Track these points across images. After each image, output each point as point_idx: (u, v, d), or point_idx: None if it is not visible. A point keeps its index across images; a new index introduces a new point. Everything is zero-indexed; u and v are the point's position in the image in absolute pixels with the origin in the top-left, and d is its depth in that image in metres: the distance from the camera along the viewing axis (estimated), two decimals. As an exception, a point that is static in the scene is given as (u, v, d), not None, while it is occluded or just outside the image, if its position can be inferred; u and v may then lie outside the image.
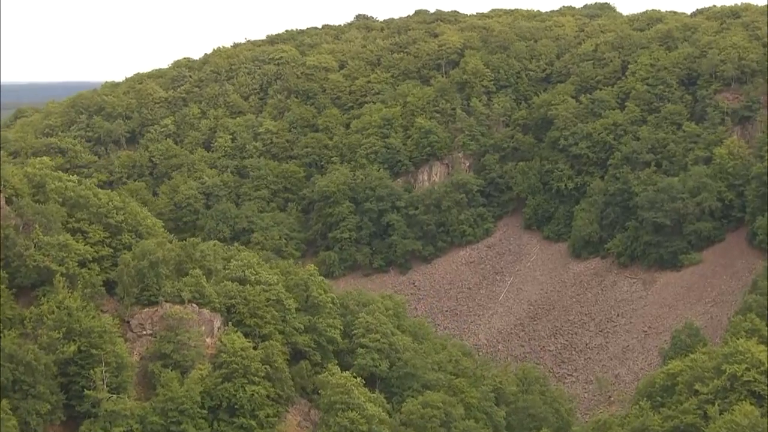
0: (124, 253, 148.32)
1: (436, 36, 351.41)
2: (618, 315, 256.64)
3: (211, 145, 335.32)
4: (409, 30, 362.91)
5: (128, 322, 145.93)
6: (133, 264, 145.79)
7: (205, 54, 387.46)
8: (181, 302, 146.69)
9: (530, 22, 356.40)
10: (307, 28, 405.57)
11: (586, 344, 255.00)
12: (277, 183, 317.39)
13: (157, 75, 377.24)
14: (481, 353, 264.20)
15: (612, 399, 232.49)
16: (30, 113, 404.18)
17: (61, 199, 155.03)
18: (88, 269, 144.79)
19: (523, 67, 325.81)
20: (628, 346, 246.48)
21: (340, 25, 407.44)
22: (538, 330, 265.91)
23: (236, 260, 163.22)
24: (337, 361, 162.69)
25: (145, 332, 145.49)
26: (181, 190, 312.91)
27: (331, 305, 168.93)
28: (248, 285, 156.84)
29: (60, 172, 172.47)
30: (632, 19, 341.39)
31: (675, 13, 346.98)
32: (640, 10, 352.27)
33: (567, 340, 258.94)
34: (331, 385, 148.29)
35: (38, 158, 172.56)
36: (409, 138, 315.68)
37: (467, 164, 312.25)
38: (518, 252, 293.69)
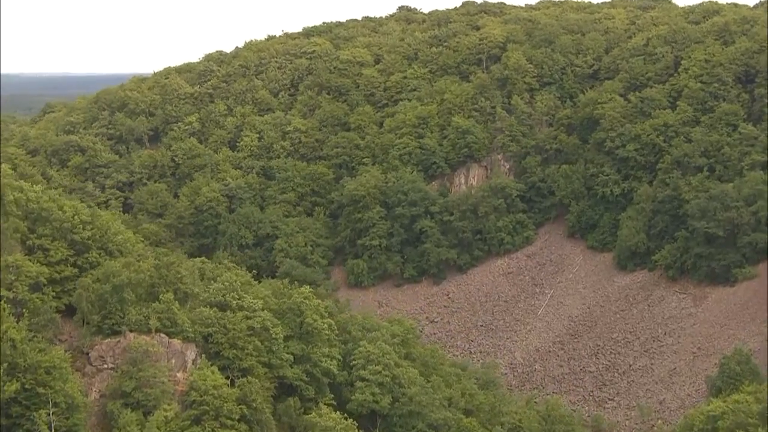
0: (84, 276, 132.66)
1: (477, 29, 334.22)
2: (665, 334, 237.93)
3: (237, 144, 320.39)
4: (450, 22, 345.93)
5: (87, 354, 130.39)
6: (94, 288, 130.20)
7: (236, 47, 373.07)
8: (148, 332, 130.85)
9: (579, 14, 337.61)
10: (347, 21, 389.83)
11: (630, 366, 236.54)
12: (304, 185, 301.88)
13: (185, 69, 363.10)
14: (516, 373, 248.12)
15: (655, 429, 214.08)
16: (59, 108, 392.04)
17: (21, 212, 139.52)
18: (42, 294, 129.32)
19: (569, 63, 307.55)
20: (675, 369, 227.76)
21: (381, 17, 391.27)
22: (578, 349, 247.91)
23: (218, 282, 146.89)
24: (333, 396, 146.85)
25: (105, 366, 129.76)
26: (203, 192, 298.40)
27: (328, 332, 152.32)
28: (229, 311, 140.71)
29: (23, 180, 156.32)
30: (688, 11, 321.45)
31: (735, 5, 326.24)
32: (698, 1, 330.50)
33: (609, 361, 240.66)
34: (319, 428, 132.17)
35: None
36: (446, 138, 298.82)
37: (507, 167, 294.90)
38: (560, 262, 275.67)
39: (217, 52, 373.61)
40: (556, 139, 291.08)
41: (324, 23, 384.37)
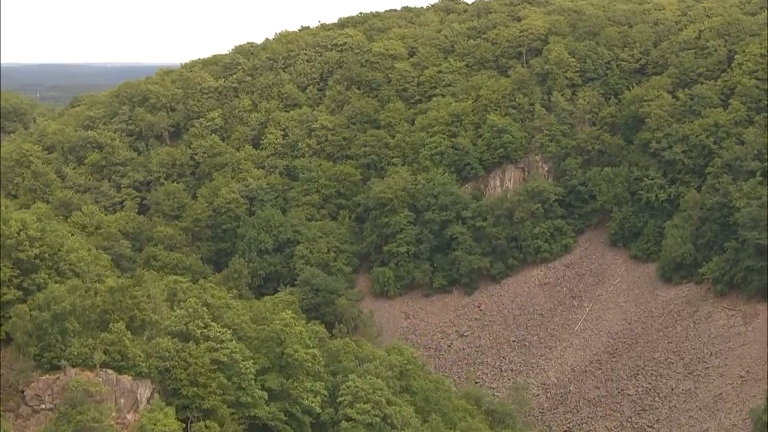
0: (18, 305, 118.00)
1: (519, 20, 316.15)
2: (711, 354, 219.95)
3: (260, 142, 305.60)
4: (491, 12, 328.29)
5: (23, 392, 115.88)
6: (32, 316, 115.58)
7: (266, 39, 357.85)
8: (93, 367, 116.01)
9: (627, 4, 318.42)
10: (385, 11, 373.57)
11: (672, 389, 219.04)
12: (329, 187, 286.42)
13: (211, 62, 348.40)
14: (549, 395, 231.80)
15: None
16: (85, 102, 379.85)
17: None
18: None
19: (614, 57, 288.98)
20: (721, 394, 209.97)
21: (420, 7, 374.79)
22: (617, 369, 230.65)
23: (181, 308, 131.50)
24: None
25: (42, 406, 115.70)
26: (222, 193, 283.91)
27: (311, 363, 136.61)
28: (192, 342, 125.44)
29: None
30: (744, 2, 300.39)
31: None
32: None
33: (650, 383, 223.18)
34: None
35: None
36: (480, 137, 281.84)
37: (545, 169, 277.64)
38: (600, 273, 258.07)
39: (247, 43, 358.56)
40: (599, 139, 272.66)
41: (360, 14, 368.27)
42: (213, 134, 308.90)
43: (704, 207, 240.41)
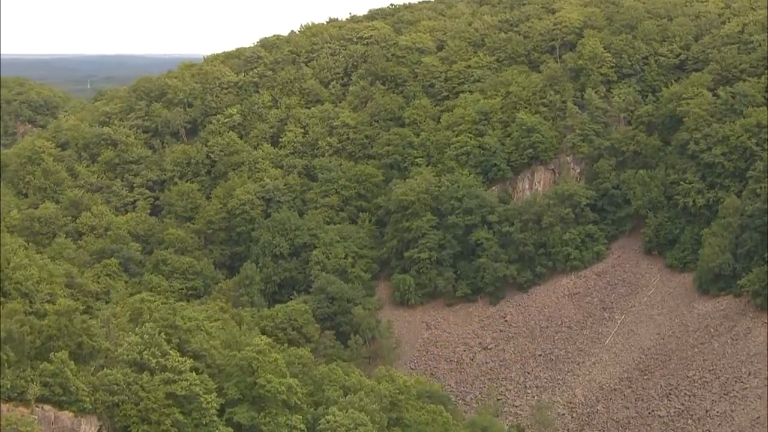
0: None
1: (553, 12, 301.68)
2: (749, 374, 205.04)
3: (279, 140, 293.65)
4: (524, 4, 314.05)
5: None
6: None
7: (291, 31, 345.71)
8: (28, 402, 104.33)
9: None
10: (417, 2, 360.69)
11: (707, 411, 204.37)
12: (349, 188, 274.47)
13: (234, 55, 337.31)
14: (575, 414, 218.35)
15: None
16: (108, 96, 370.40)
17: None
18: None
19: (653, 51, 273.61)
20: (759, 418, 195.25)
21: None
22: (648, 388, 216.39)
23: (135, 334, 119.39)
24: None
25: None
26: (237, 193, 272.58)
27: (286, 396, 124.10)
28: (146, 373, 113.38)
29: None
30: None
31: None
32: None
33: (683, 404, 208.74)
34: None
35: None
36: (509, 137, 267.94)
37: (577, 170, 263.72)
38: (634, 283, 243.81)
39: (273, 36, 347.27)
40: (634, 139, 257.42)
41: (391, 5, 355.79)
42: (230, 131, 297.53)
43: (745, 213, 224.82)
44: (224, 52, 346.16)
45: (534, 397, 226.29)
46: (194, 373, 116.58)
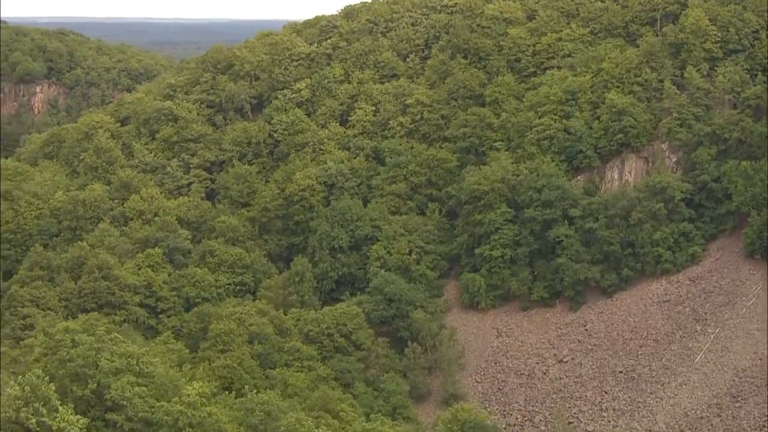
0: None
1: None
2: None
3: (348, 118, 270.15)
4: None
5: None
6: None
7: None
8: None
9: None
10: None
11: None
12: (419, 174, 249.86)
13: (312, 23, 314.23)
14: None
15: None
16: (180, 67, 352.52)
17: None
18: None
19: (764, 25, 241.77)
20: None
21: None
22: (739, 417, 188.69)
23: (19, 384, 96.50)
24: None
25: None
26: (296, 178, 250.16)
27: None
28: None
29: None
30: None
31: None
32: None
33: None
34: None
35: None
36: (598, 119, 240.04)
37: (673, 160, 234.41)
38: (732, 291, 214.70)
39: (360, 3, 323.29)
40: (739, 125, 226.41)
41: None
42: (297, 108, 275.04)
43: None
44: (304, 20, 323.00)
45: (610, 421, 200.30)
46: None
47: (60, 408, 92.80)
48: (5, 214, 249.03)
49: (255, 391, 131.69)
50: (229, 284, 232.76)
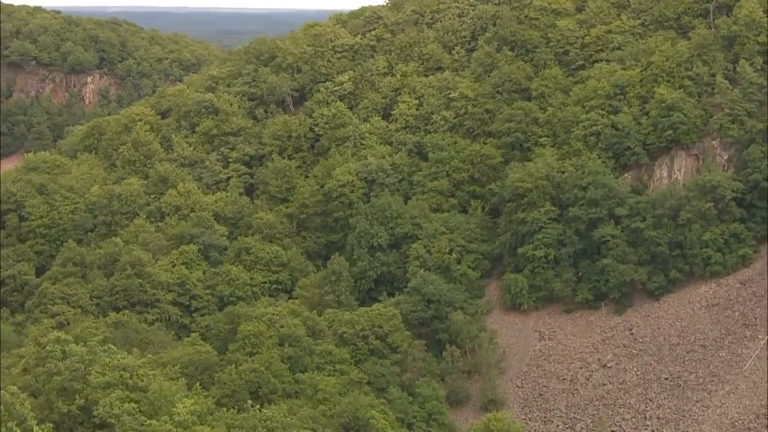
0: None
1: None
2: None
3: (391, 112, 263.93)
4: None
5: None
6: None
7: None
8: None
9: None
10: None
11: None
12: (462, 170, 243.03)
13: (358, 14, 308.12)
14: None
15: None
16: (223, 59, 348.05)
17: None
18: None
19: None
20: None
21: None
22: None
23: None
24: None
25: None
26: (336, 173, 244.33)
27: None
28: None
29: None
30: None
31: None
32: None
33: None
34: None
35: None
36: (646, 115, 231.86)
37: (725, 157, 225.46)
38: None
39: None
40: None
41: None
42: (339, 101, 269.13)
43: None
44: (350, 11, 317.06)
45: (653, 431, 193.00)
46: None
47: (35, 428, 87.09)
48: (40, 208, 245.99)
49: (258, 406, 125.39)
50: (265, 283, 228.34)
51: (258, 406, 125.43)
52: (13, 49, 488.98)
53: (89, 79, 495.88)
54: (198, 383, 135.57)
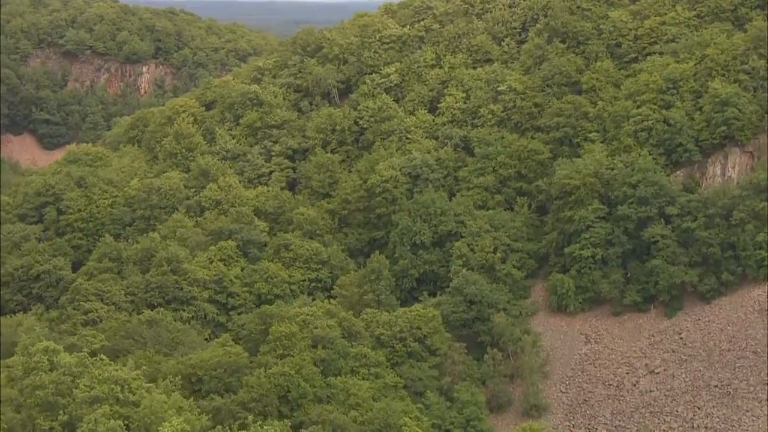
0: None
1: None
2: None
3: (438, 105, 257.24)
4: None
5: None
6: None
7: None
8: None
9: None
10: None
11: None
12: (508, 166, 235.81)
13: (407, 4, 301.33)
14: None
15: None
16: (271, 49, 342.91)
17: None
18: None
19: None
20: None
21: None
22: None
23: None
24: None
25: None
26: (379, 168, 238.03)
27: None
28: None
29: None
30: None
31: None
32: None
33: None
34: None
35: None
36: (700, 110, 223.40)
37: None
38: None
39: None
40: None
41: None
42: (385, 94, 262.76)
43: None
44: (400, 1, 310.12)
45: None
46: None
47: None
48: (78, 201, 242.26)
49: (260, 423, 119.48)
50: (304, 281, 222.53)
51: (259, 423, 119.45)
52: (69, 38, 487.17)
53: (144, 69, 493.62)
54: (201, 394, 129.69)
